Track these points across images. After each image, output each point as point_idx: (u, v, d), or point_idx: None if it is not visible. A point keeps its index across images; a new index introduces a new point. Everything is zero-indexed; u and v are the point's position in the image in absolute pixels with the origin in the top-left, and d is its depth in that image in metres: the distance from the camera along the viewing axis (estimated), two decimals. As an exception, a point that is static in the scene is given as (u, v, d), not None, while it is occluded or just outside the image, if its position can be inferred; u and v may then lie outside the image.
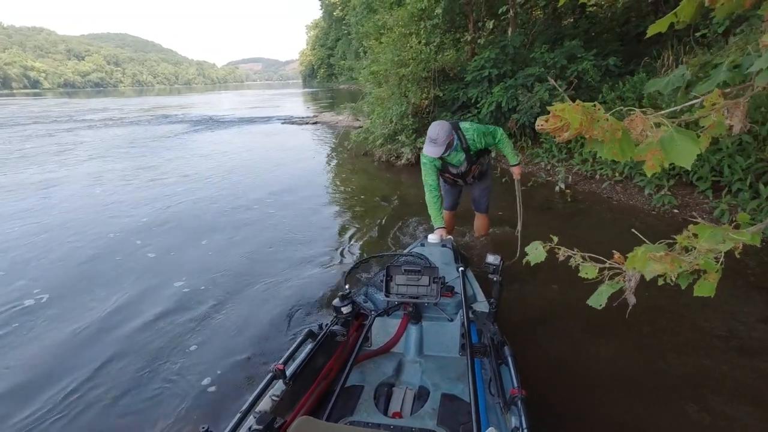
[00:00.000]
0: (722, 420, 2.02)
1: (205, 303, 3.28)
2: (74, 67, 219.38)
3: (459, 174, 3.18)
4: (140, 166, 8.59)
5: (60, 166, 8.65)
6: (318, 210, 5.55)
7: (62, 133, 14.22)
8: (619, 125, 1.07)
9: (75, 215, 5.51)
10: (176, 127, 15.39)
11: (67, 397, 2.36)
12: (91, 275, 3.84)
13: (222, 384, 2.40)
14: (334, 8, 40.20)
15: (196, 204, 5.88)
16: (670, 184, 4.79)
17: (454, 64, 8.36)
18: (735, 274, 3.25)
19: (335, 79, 54.76)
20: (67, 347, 2.82)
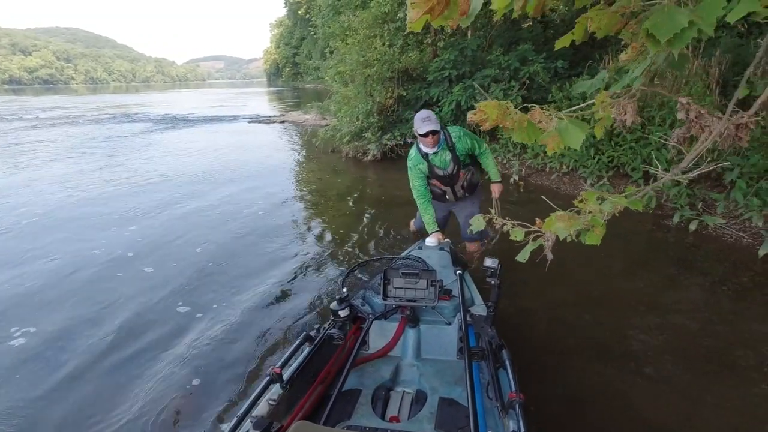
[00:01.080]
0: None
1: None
2: (20, 63, 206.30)
3: (447, 178, 3.02)
4: (106, 165, 8.53)
5: (24, 168, 8.46)
6: (288, 205, 5.81)
7: (16, 132, 13.68)
8: (525, 117, 1.46)
9: (46, 218, 5.54)
10: (139, 125, 15.10)
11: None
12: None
13: (212, 388, 2.38)
14: (298, 7, 39.99)
15: (160, 206, 6.01)
16: (609, 174, 5.36)
17: (417, 64, 8.76)
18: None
19: (301, 78, 54.30)
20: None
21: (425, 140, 2.81)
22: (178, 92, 56.95)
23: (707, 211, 4.29)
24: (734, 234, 3.98)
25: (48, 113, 21.37)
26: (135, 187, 6.66)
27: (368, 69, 7.75)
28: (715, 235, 4.08)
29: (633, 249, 4.08)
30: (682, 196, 4.44)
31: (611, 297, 3.22)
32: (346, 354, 1.88)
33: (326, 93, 14.06)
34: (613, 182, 5.31)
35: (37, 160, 8.93)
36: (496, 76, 6.95)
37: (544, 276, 3.27)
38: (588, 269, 3.60)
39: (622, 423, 2.07)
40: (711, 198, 4.30)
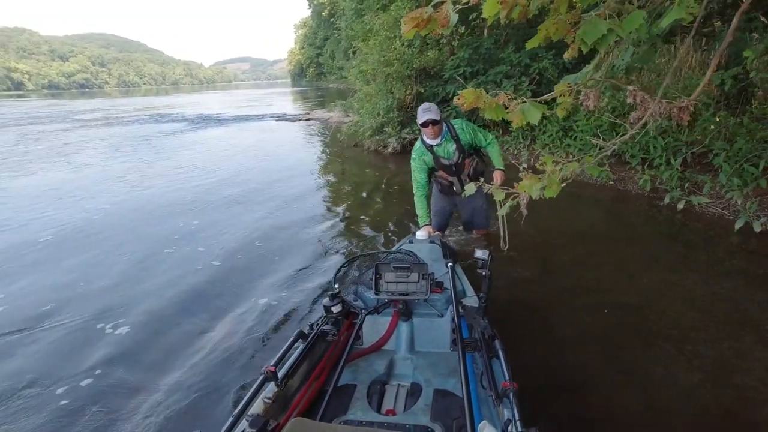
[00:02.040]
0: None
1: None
2: (58, 68, 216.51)
3: (452, 168, 3.07)
4: (155, 161, 9.43)
5: (83, 165, 9.45)
6: (313, 194, 6.47)
7: (66, 133, 14.91)
8: (493, 100, 2.03)
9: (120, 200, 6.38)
10: (175, 125, 16.16)
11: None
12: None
13: (210, 387, 2.39)
14: (322, 8, 40.90)
15: (197, 190, 6.78)
16: (611, 161, 5.79)
17: (435, 63, 9.29)
18: None
19: (324, 78, 55.34)
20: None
21: (425, 130, 2.89)
22: (206, 94, 58.91)
23: (695, 192, 4.70)
24: (718, 212, 4.39)
25: (90, 115, 22.86)
26: (186, 179, 7.47)
27: (388, 68, 8.35)
28: (701, 213, 4.49)
29: (630, 227, 4.54)
30: (674, 179, 4.86)
31: (603, 266, 3.71)
32: (340, 349, 1.88)
33: (349, 92, 14.72)
34: (614, 169, 5.73)
35: (94, 158, 9.89)
36: (508, 73, 7.43)
37: (539, 260, 3.62)
38: (584, 248, 4.11)
39: (615, 408, 2.12)
40: (699, 180, 4.70)
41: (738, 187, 4.23)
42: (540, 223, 4.33)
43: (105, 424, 2.20)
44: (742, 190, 4.21)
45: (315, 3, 46.98)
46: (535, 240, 4.08)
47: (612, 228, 4.56)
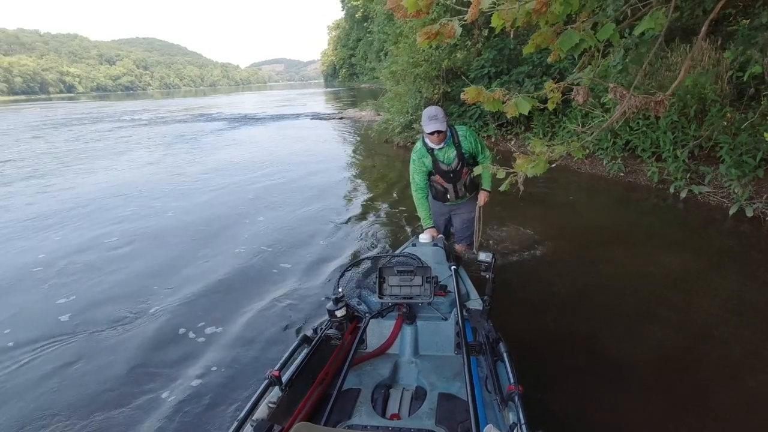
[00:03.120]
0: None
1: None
2: (106, 72, 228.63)
3: (450, 174, 3.01)
4: (209, 153, 10.42)
5: (147, 159, 10.55)
6: (346, 185, 7.17)
7: (122, 131, 16.31)
8: (491, 95, 2.61)
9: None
10: (219, 123, 17.36)
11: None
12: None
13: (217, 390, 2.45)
14: (355, 11, 41.83)
15: (252, 180, 7.61)
16: (623, 155, 6.18)
17: (462, 63, 9.81)
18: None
19: (357, 79, 56.32)
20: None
21: (431, 137, 2.88)
22: (242, 95, 61.24)
23: (699, 183, 5.06)
24: (718, 200, 4.75)
25: (141, 115, 24.59)
26: (239, 168, 8.36)
27: (417, 68, 8.94)
28: (703, 202, 4.86)
29: (637, 213, 4.98)
30: (680, 171, 5.23)
31: (612, 245, 4.19)
32: (344, 354, 1.87)
33: (381, 92, 15.37)
34: (626, 162, 6.12)
35: (156, 153, 11.01)
36: (530, 72, 7.87)
37: (543, 259, 3.81)
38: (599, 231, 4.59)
39: (623, 413, 2.14)
40: (702, 171, 5.06)
41: (736, 177, 4.59)
42: (558, 215, 4.85)
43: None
44: (740, 180, 4.57)
45: (348, 5, 47.97)
46: (560, 225, 4.60)
47: (621, 213, 5.02)
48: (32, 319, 3.29)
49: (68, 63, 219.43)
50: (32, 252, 4.63)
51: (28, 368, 2.72)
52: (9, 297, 3.68)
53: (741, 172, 4.61)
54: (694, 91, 5.61)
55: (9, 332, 3.12)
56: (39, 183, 7.93)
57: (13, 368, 2.74)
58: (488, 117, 8.90)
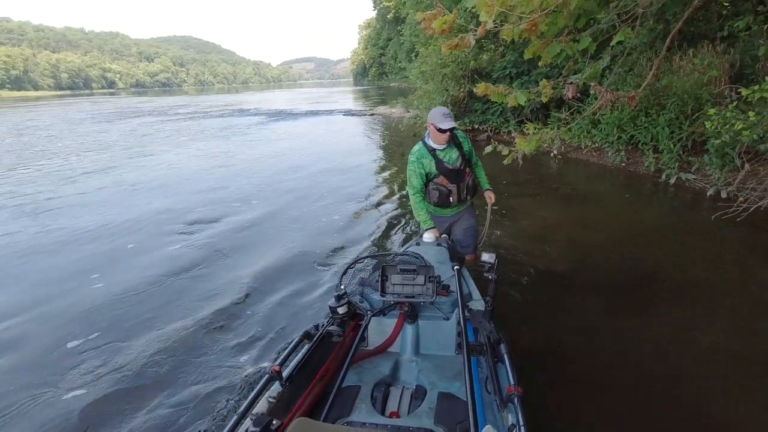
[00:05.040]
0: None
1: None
2: (145, 69, 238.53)
3: (455, 174, 2.97)
4: (255, 142, 11.67)
5: (199, 148, 11.90)
6: (378, 172, 8.18)
7: (170, 123, 17.88)
8: (496, 89, 3.58)
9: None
10: (257, 118, 18.74)
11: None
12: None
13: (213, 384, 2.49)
14: (387, 11, 42.79)
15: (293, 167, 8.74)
16: (627, 148, 6.94)
17: (487, 64, 10.65)
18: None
19: (386, 78, 57.27)
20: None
21: (440, 135, 2.81)
22: (274, 92, 63.17)
23: (687, 170, 5.80)
24: (701, 186, 5.50)
25: (183, 110, 26.37)
26: (286, 156, 9.53)
27: (445, 69, 9.86)
28: (689, 187, 5.62)
29: (635, 195, 5.81)
30: (672, 161, 5.99)
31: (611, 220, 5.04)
32: (344, 351, 1.88)
33: (410, 91, 16.30)
34: (629, 154, 6.89)
35: (202, 142, 12.34)
36: (547, 74, 8.66)
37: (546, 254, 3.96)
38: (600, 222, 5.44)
39: (623, 413, 2.15)
40: (691, 161, 5.81)
41: (719, 165, 5.33)
42: (565, 200, 5.70)
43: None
44: (721, 168, 5.31)
45: (380, 6, 49.01)
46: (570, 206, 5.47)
47: (619, 193, 5.86)
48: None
49: (110, 60, 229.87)
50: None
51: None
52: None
53: (723, 162, 5.35)
54: (691, 92, 6.33)
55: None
56: (144, 162, 9.37)
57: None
58: (509, 114, 9.73)
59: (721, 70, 6.45)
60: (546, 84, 3.72)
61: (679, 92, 6.35)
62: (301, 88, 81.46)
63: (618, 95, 3.53)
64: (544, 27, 3.13)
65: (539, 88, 3.72)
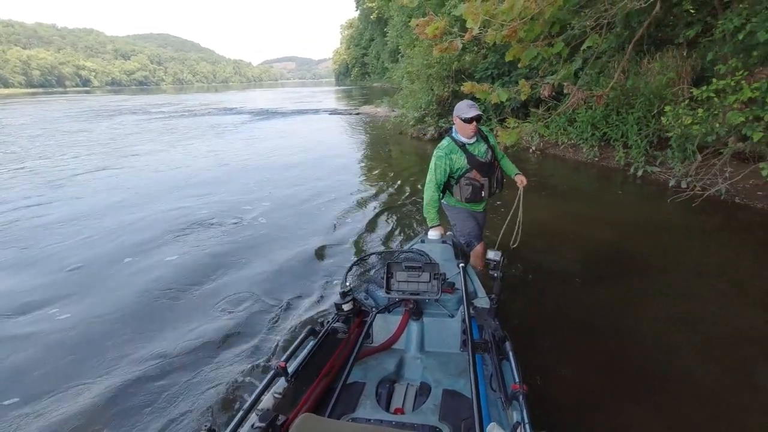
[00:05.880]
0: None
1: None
2: (121, 66, 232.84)
3: (487, 167, 2.93)
4: (246, 140, 11.89)
5: (213, 139, 12.05)
6: (366, 167, 8.56)
7: (155, 121, 17.87)
8: (483, 87, 4.00)
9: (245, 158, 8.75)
10: (243, 116, 18.87)
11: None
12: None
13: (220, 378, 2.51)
14: (371, 12, 43.06)
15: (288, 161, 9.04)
16: (600, 144, 7.48)
17: (470, 65, 11.13)
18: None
19: (368, 78, 57.55)
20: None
21: (467, 127, 2.76)
22: (256, 91, 62.59)
23: (653, 164, 6.36)
24: (665, 177, 6.05)
25: (166, 108, 26.21)
26: (282, 153, 9.79)
27: (430, 69, 10.31)
28: (654, 179, 6.17)
29: (606, 186, 6.31)
30: (640, 155, 6.54)
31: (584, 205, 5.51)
32: (350, 347, 1.89)
33: (392, 91, 16.70)
34: (601, 149, 7.43)
35: (197, 140, 12.49)
36: (527, 75, 9.18)
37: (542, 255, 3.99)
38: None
39: (627, 413, 2.14)
40: (656, 155, 6.36)
41: (679, 159, 5.89)
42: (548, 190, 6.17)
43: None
44: (682, 161, 5.87)
45: (363, 7, 49.27)
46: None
47: (594, 185, 6.36)
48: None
49: (84, 57, 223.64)
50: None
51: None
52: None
53: (683, 156, 5.91)
54: (657, 92, 6.90)
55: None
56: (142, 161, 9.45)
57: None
58: (491, 112, 10.22)
59: (683, 73, 7.05)
60: (525, 84, 4.15)
61: (645, 93, 6.91)
62: (283, 88, 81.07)
63: (588, 94, 3.98)
64: (522, 33, 3.55)
65: (519, 87, 4.14)
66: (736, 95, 4.01)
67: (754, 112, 3.97)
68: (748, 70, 4.16)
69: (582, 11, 4.34)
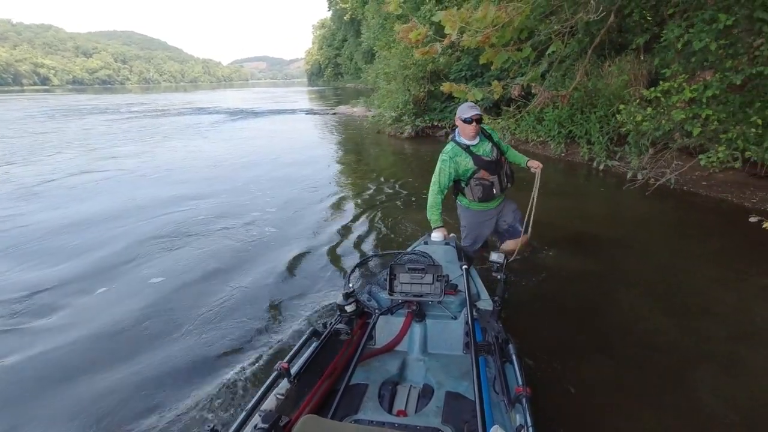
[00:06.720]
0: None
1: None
2: (82, 65, 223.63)
3: (494, 165, 2.97)
4: (225, 140, 11.98)
5: (168, 146, 12.03)
6: (346, 164, 8.89)
7: (129, 122, 17.62)
8: (458, 87, 4.41)
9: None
10: (218, 116, 18.84)
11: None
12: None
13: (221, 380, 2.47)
14: (344, 12, 43.24)
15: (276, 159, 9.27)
16: (566, 141, 8.07)
17: (444, 66, 11.60)
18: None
19: (341, 79, 57.66)
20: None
21: (468, 128, 2.82)
22: (228, 91, 61.10)
23: (613, 158, 6.97)
24: (623, 170, 6.66)
25: (137, 108, 25.72)
26: (267, 153, 9.97)
27: (406, 70, 10.73)
28: (614, 172, 6.77)
29: (571, 179, 6.86)
30: (602, 151, 7.14)
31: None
32: (352, 349, 1.88)
33: (366, 92, 16.96)
34: (568, 146, 8.03)
35: (177, 141, 12.46)
36: (499, 76, 9.72)
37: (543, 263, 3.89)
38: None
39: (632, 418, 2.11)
40: (616, 151, 6.97)
41: (635, 154, 6.50)
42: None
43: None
44: (638, 156, 6.47)
45: (336, 7, 49.36)
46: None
47: (561, 179, 6.91)
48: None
49: (43, 55, 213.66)
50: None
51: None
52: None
53: (638, 151, 6.52)
54: (616, 93, 7.52)
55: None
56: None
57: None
58: (465, 112, 10.74)
59: (639, 75, 7.69)
60: (497, 84, 4.58)
61: (606, 94, 7.53)
62: (255, 88, 79.91)
63: (554, 94, 4.43)
64: (495, 39, 3.97)
65: (492, 88, 4.57)
66: (679, 95, 4.57)
67: (694, 110, 4.55)
68: (688, 73, 4.74)
69: (547, 19, 4.82)
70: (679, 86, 4.65)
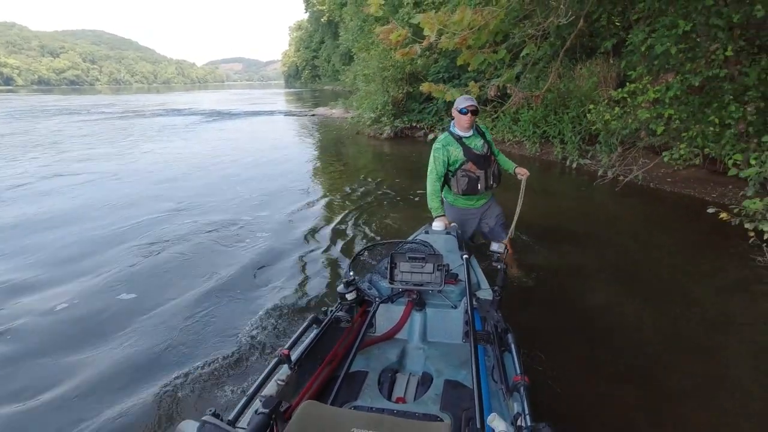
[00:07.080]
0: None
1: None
2: (48, 64, 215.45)
3: (482, 159, 3.04)
4: (203, 142, 11.84)
5: (166, 143, 11.81)
6: (328, 164, 8.97)
7: (103, 122, 17.18)
8: (437, 88, 4.57)
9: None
10: (195, 118, 18.57)
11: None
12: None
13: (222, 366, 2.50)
14: (321, 14, 43.14)
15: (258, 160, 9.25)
16: (541, 141, 8.35)
17: (422, 68, 11.81)
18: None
19: (318, 81, 57.46)
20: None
21: (464, 118, 2.90)
22: (203, 93, 59.88)
23: (585, 156, 7.27)
24: (594, 168, 6.96)
25: (109, 109, 25.06)
26: (246, 152, 9.92)
27: (385, 72, 10.87)
28: (587, 170, 7.07)
29: (547, 176, 7.11)
30: (574, 150, 7.43)
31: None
32: (353, 336, 1.91)
33: (344, 94, 17.01)
34: (542, 146, 8.31)
35: (155, 143, 12.25)
36: (475, 78, 9.96)
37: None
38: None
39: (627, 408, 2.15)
40: (588, 149, 7.28)
41: (605, 153, 6.80)
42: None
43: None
44: (608, 154, 6.78)
45: (313, 9, 49.19)
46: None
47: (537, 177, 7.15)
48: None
49: (5, 54, 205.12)
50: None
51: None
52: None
53: (608, 149, 6.83)
54: (587, 95, 7.84)
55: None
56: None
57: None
58: (443, 113, 10.94)
59: (608, 77, 8.04)
60: (474, 85, 4.75)
61: (577, 95, 7.85)
62: (231, 89, 78.77)
63: (528, 94, 4.62)
64: (471, 41, 4.14)
65: (469, 88, 4.74)
66: (644, 96, 4.85)
67: (657, 110, 4.83)
68: (652, 75, 5.03)
69: (521, 23, 5.04)
70: (644, 87, 4.92)
